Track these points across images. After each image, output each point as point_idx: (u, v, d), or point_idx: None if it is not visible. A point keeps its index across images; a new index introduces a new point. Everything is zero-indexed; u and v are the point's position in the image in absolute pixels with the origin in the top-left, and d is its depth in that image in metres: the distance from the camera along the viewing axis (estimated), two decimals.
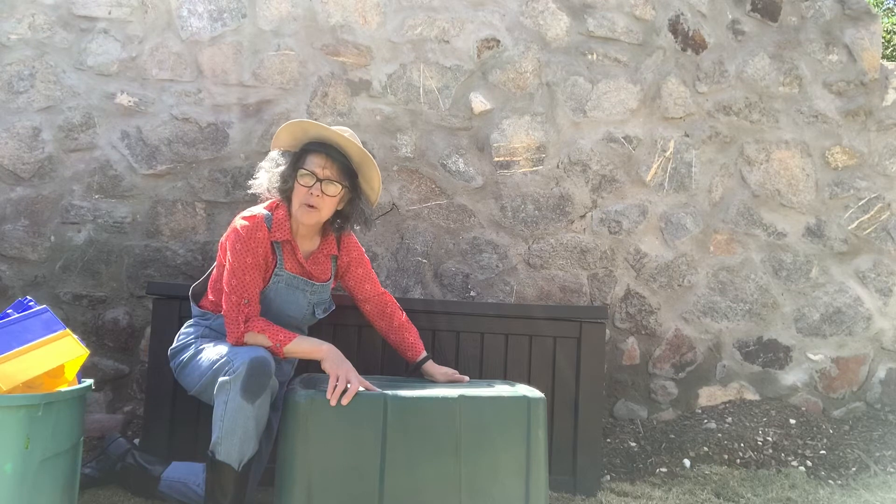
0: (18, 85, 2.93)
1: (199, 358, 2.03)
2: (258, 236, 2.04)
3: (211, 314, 2.17)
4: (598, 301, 3.16)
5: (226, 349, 1.97)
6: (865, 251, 3.33)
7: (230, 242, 2.05)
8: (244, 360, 1.84)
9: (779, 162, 3.29)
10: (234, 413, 1.83)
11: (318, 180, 2.04)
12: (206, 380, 1.97)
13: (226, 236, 2.12)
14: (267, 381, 1.86)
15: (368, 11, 3.10)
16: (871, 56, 3.34)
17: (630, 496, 2.49)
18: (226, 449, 1.85)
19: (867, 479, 2.72)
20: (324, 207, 2.08)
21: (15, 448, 1.55)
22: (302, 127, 2.10)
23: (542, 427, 1.88)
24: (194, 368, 2.04)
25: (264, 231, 2.05)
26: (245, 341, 1.98)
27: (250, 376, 1.82)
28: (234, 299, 2.00)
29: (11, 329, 1.72)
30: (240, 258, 2.02)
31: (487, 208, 3.13)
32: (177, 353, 2.15)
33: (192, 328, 2.18)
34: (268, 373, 1.86)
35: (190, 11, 3.02)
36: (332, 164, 2.07)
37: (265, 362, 1.86)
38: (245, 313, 1.99)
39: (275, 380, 1.92)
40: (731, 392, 3.21)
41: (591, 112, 3.20)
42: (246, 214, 2.09)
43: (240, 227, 2.04)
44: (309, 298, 2.19)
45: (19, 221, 2.91)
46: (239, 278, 2.01)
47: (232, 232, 2.06)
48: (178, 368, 2.13)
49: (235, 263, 2.01)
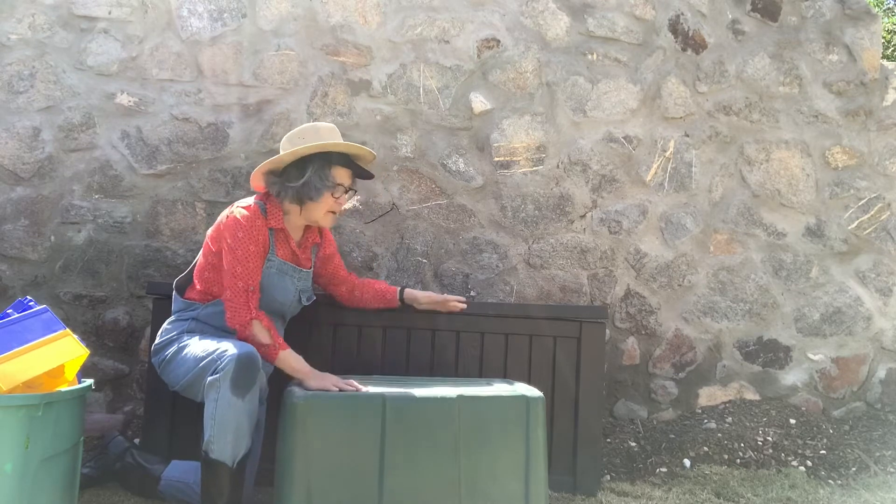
0: (18, 85, 2.93)
1: (185, 353, 2.04)
2: (258, 224, 2.10)
3: (198, 304, 2.18)
4: (598, 301, 3.16)
5: (211, 345, 1.97)
6: (865, 251, 3.33)
7: (230, 231, 2.08)
8: (232, 357, 1.85)
9: (779, 162, 3.29)
10: (226, 409, 1.83)
11: (346, 191, 2.24)
12: (192, 376, 1.97)
13: (217, 227, 2.15)
14: (255, 376, 1.88)
15: (368, 11, 3.10)
16: (871, 56, 3.34)
17: (630, 496, 2.49)
18: (219, 447, 1.85)
19: (867, 479, 2.72)
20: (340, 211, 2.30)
21: (15, 448, 1.55)
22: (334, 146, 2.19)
23: (541, 426, 1.88)
24: (179, 364, 2.04)
25: (262, 219, 2.13)
26: (252, 329, 2.00)
27: (239, 371, 1.84)
28: (240, 285, 2.03)
29: (11, 329, 1.72)
30: (243, 246, 2.06)
31: (487, 208, 3.13)
32: (160, 349, 2.16)
33: (174, 324, 2.18)
34: (256, 367, 1.88)
35: (190, 11, 3.02)
36: (351, 174, 2.25)
37: (253, 357, 1.88)
38: (253, 300, 2.04)
39: (263, 374, 1.95)
40: (731, 392, 3.21)
41: (592, 112, 3.20)
42: (242, 204, 2.15)
43: (240, 217, 2.09)
44: (296, 285, 2.25)
45: (19, 221, 2.91)
46: (244, 265, 2.05)
47: (231, 221, 2.10)
48: (161, 364, 2.14)
49: (240, 251, 2.05)
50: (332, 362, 2.44)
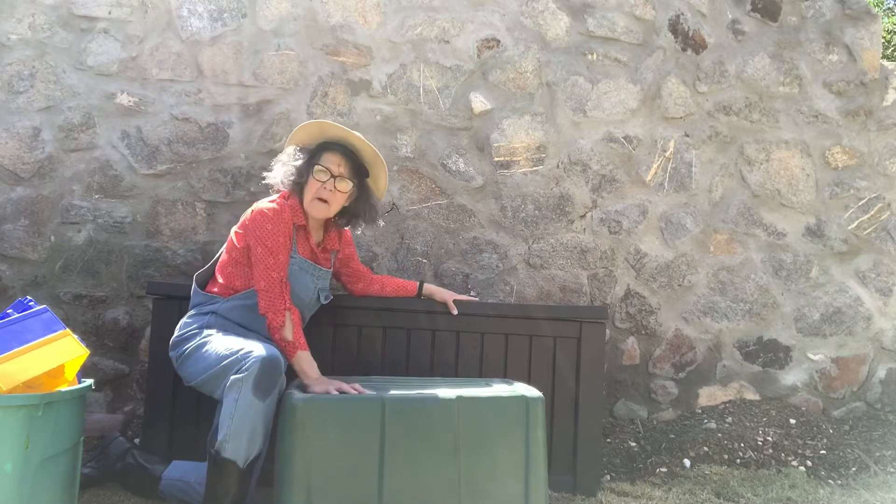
0: (18, 85, 2.93)
1: (205, 350, 2.02)
2: (284, 217, 2.14)
3: (219, 298, 2.18)
4: (598, 301, 3.16)
5: (236, 344, 1.97)
6: (865, 251, 3.33)
7: (257, 224, 2.12)
8: (257, 358, 1.85)
9: (779, 162, 3.29)
10: (246, 410, 1.83)
11: (332, 176, 2.18)
12: (213, 373, 1.96)
13: (242, 223, 2.18)
14: (278, 379, 1.89)
15: (368, 11, 3.10)
16: (871, 56, 3.34)
17: (630, 496, 2.49)
18: (234, 446, 1.85)
19: (867, 479, 2.72)
20: (334, 202, 2.21)
21: (15, 448, 1.55)
22: (320, 127, 2.27)
23: (541, 426, 1.88)
24: (199, 360, 2.03)
25: (288, 214, 2.16)
26: (284, 320, 2.03)
27: (263, 373, 1.84)
28: (274, 276, 2.07)
29: (11, 329, 1.72)
30: (273, 237, 2.10)
31: (487, 208, 3.13)
32: (178, 343, 2.14)
33: (194, 318, 2.17)
34: (279, 371, 1.89)
35: (190, 11, 3.02)
36: (345, 163, 2.22)
37: (277, 360, 1.89)
38: (286, 291, 2.08)
39: (284, 378, 1.95)
40: (731, 392, 3.21)
41: (592, 112, 3.20)
42: (267, 202, 2.19)
43: (267, 210, 2.14)
44: (316, 283, 2.28)
45: (19, 221, 2.91)
46: (275, 257, 2.09)
47: (257, 214, 2.14)
48: (179, 359, 2.13)
49: (270, 241, 2.09)
50: (332, 362, 2.44)
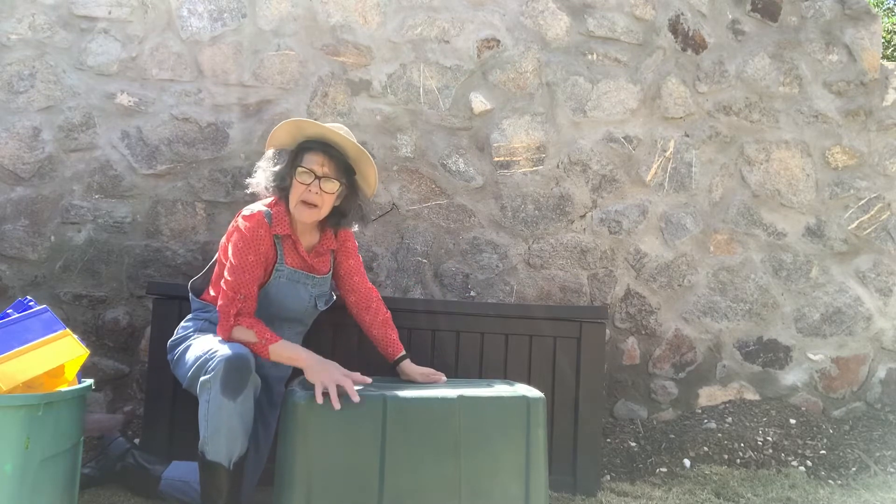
0: (18, 85, 2.93)
1: (188, 353, 2.04)
2: (260, 233, 2.05)
3: (212, 306, 2.18)
4: (598, 301, 3.16)
5: (208, 345, 1.97)
6: (865, 251, 3.33)
7: (232, 241, 2.07)
8: (222, 358, 1.84)
9: (779, 162, 3.29)
10: (217, 411, 1.82)
11: (316, 178, 2.06)
12: (191, 375, 1.97)
13: (227, 235, 2.13)
14: (247, 377, 1.85)
15: (368, 11, 3.10)
16: (871, 56, 3.34)
17: (630, 496, 2.49)
18: (213, 448, 1.85)
19: (867, 479, 2.72)
20: (323, 205, 2.09)
21: (15, 448, 1.55)
22: (298, 126, 2.12)
23: (541, 427, 1.88)
24: (185, 362, 2.05)
25: (266, 227, 2.07)
26: (233, 335, 1.97)
27: (228, 373, 1.82)
28: (230, 294, 2.00)
29: (11, 329, 1.72)
30: (241, 256, 2.03)
31: (487, 208, 3.13)
32: (174, 346, 2.16)
33: (191, 322, 2.18)
34: (247, 368, 1.85)
35: (190, 11, 3.02)
36: (329, 162, 2.09)
37: (243, 358, 1.85)
38: (238, 307, 2.00)
39: (256, 376, 1.91)
40: (731, 392, 3.21)
41: (591, 112, 3.20)
42: (246, 213, 2.10)
43: (242, 227, 2.05)
44: (310, 291, 2.19)
45: (19, 221, 2.91)
46: (238, 276, 2.01)
47: (234, 231, 2.08)
48: (173, 361, 2.14)
49: (237, 261, 2.03)
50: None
